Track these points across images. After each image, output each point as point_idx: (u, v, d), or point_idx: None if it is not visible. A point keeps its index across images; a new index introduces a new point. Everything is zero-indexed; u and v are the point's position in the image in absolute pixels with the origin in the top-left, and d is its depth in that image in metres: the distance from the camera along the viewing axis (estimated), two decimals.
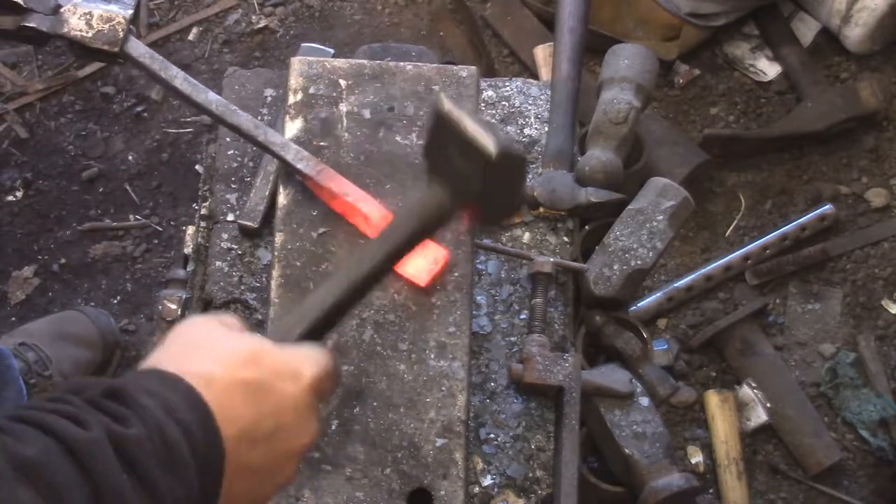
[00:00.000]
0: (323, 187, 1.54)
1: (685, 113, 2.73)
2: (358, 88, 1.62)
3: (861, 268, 2.57)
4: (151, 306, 2.51)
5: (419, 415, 1.45)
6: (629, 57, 1.77)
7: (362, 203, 1.52)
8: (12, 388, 2.18)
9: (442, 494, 1.41)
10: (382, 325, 1.49)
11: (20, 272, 2.58)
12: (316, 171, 1.54)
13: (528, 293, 1.67)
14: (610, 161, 1.71)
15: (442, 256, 1.50)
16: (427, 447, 1.43)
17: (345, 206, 1.53)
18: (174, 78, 1.57)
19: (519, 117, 1.82)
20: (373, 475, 1.42)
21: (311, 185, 1.55)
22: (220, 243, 1.70)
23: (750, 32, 2.79)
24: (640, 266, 1.66)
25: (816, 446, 2.39)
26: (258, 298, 1.66)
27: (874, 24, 2.62)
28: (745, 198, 2.65)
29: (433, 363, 1.47)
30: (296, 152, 1.55)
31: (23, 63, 2.80)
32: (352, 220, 1.54)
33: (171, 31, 2.83)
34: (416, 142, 1.59)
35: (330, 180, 1.53)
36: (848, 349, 2.50)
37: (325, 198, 1.55)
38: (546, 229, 1.73)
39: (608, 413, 1.60)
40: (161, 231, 2.63)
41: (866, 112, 2.65)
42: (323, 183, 1.53)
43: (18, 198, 2.66)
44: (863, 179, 2.65)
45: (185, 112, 2.75)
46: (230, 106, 1.59)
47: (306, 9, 2.87)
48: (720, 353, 2.50)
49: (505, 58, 2.80)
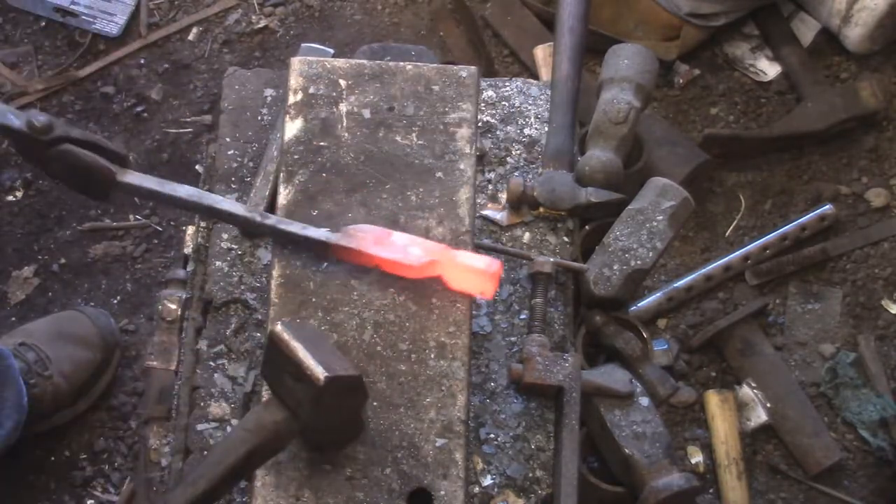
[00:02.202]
0: (358, 251, 1.48)
1: (685, 113, 2.73)
2: (358, 88, 1.62)
3: (861, 268, 2.57)
4: (151, 306, 2.51)
5: (419, 415, 1.45)
6: (629, 57, 1.77)
7: (407, 248, 1.48)
8: (12, 389, 2.18)
9: (442, 494, 1.41)
10: (382, 325, 1.49)
11: (20, 272, 2.58)
12: (340, 236, 1.49)
13: (528, 293, 1.67)
14: (610, 161, 1.71)
15: (494, 266, 1.48)
16: (427, 447, 1.43)
17: (387, 258, 1.49)
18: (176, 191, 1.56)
19: (519, 117, 1.82)
20: (373, 475, 1.42)
21: (344, 253, 1.49)
22: (220, 243, 1.70)
23: (750, 32, 2.79)
24: (640, 266, 1.66)
25: (816, 446, 2.39)
26: (258, 298, 1.66)
27: (874, 24, 2.62)
28: (745, 198, 2.65)
29: (433, 363, 1.47)
30: (301, 227, 1.51)
31: (23, 63, 2.80)
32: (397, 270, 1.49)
33: (171, 31, 2.83)
34: (417, 142, 1.59)
35: (362, 240, 1.49)
36: (848, 349, 2.49)
37: (364, 260, 1.49)
38: (546, 229, 1.73)
39: (608, 413, 1.60)
40: (161, 231, 2.63)
41: (866, 112, 2.65)
42: (359, 247, 1.48)
43: (18, 198, 2.66)
44: (863, 179, 2.65)
45: (186, 112, 2.75)
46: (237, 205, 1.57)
47: (306, 9, 2.87)
48: (720, 353, 2.50)
49: (505, 58, 2.80)
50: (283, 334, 1.26)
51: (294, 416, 1.30)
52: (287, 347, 1.26)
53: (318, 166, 1.57)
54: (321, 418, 1.30)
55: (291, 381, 1.27)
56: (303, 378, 1.25)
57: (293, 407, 1.30)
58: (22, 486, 2.37)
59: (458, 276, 1.47)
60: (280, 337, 1.26)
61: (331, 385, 1.24)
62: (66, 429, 2.41)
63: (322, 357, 1.25)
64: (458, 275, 1.47)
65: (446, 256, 1.47)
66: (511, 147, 1.80)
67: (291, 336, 1.26)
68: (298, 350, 1.25)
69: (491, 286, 1.47)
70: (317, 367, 1.24)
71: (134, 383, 2.46)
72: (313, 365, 1.24)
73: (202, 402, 1.62)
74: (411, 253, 1.47)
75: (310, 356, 1.24)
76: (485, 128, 1.79)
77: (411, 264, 1.46)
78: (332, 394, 1.25)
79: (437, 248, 1.48)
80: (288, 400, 1.30)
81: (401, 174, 1.57)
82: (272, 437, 1.30)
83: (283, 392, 1.30)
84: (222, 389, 1.63)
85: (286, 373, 1.27)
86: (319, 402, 1.26)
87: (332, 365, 1.25)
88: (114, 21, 2.81)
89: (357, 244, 1.48)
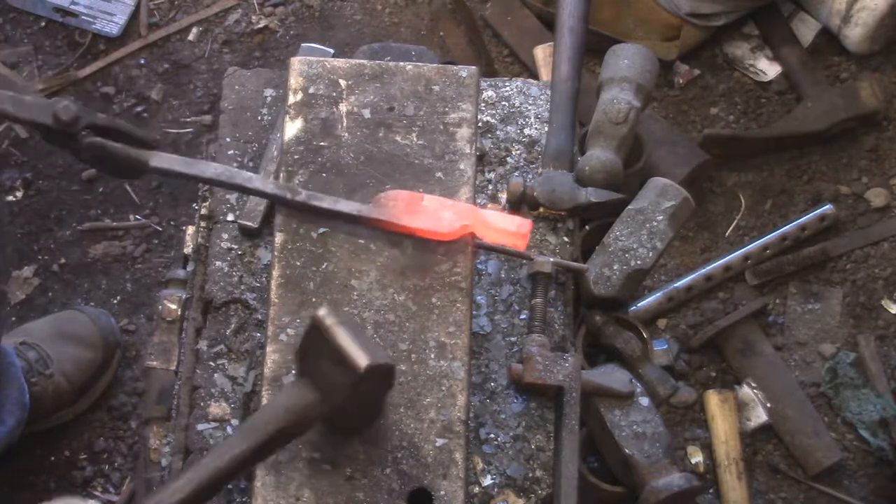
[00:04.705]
0: (390, 222, 1.51)
1: (685, 113, 2.73)
2: (358, 88, 1.62)
3: (861, 268, 2.57)
4: (151, 306, 2.51)
5: (419, 415, 1.45)
6: (629, 57, 1.77)
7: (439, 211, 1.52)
8: (14, 386, 2.18)
9: (442, 494, 1.41)
10: (382, 325, 1.49)
11: (20, 272, 2.58)
12: (372, 206, 1.53)
13: (528, 293, 1.67)
14: (610, 161, 1.71)
15: (525, 227, 1.53)
16: (427, 447, 1.43)
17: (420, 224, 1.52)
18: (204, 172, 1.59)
19: (519, 117, 1.82)
20: (373, 475, 1.42)
21: (377, 224, 1.52)
22: (220, 243, 1.70)
23: (750, 32, 2.79)
24: (640, 266, 1.66)
25: (816, 446, 2.39)
26: (258, 298, 1.66)
27: (874, 24, 2.62)
28: (745, 198, 2.65)
29: (433, 363, 1.47)
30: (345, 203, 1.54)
31: (23, 63, 2.80)
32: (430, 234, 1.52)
33: (171, 31, 2.83)
34: (417, 142, 1.59)
35: (394, 208, 1.52)
36: (848, 349, 2.49)
37: (397, 229, 1.52)
38: (546, 229, 1.73)
39: (608, 413, 1.60)
40: (161, 231, 2.63)
41: (866, 112, 2.65)
42: (390, 217, 1.51)
43: (18, 198, 2.66)
44: (863, 179, 2.65)
45: (186, 112, 2.75)
46: None
47: (306, 9, 2.87)
48: (720, 353, 2.50)
49: (505, 58, 2.80)
50: (327, 319, 1.27)
51: (325, 398, 1.30)
52: (330, 332, 1.27)
53: (318, 166, 1.57)
54: (354, 402, 1.32)
55: (329, 365, 1.28)
56: (343, 362, 1.26)
57: (325, 390, 1.30)
58: (22, 486, 2.37)
59: (490, 236, 1.54)
60: (323, 321, 1.27)
61: (371, 371, 1.25)
62: (66, 429, 2.41)
63: (363, 343, 1.26)
64: (489, 235, 1.53)
65: (478, 219, 1.51)
66: (511, 147, 1.80)
67: (335, 321, 1.27)
68: (342, 335, 1.26)
69: (522, 244, 1.55)
70: (360, 353, 1.25)
71: (134, 383, 2.46)
72: (356, 350, 1.25)
73: (202, 402, 1.62)
74: (444, 218, 1.50)
75: (353, 342, 1.25)
76: (485, 128, 1.79)
77: (444, 231, 1.50)
78: (370, 380, 1.27)
79: (469, 210, 1.52)
80: (320, 383, 1.31)
81: (401, 174, 1.57)
82: (300, 418, 1.31)
83: (317, 375, 1.31)
84: (222, 389, 1.63)
85: (324, 357, 1.28)
86: (358, 387, 1.27)
87: (373, 352, 1.26)
88: (114, 21, 2.81)
89: (389, 215, 1.51)
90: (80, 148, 1.54)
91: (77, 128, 1.52)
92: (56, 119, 1.51)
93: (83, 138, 1.53)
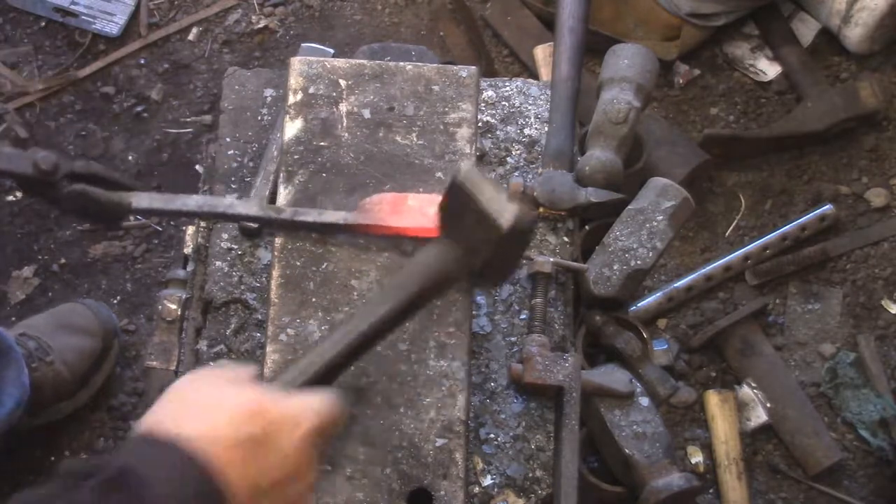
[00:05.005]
0: (377, 226, 1.51)
1: (685, 113, 2.73)
2: (358, 88, 1.62)
3: (861, 268, 2.57)
4: (151, 306, 2.51)
5: (419, 415, 1.45)
6: (629, 57, 1.77)
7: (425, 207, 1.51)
8: (13, 367, 2.17)
9: (442, 494, 1.41)
10: None
11: (20, 272, 2.58)
12: (358, 213, 1.52)
13: (528, 293, 1.67)
14: (610, 161, 1.71)
15: None
16: (427, 447, 1.43)
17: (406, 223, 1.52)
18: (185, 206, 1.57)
19: (519, 117, 1.82)
20: (373, 475, 1.42)
21: (364, 230, 1.52)
22: (220, 243, 1.70)
23: (750, 32, 2.79)
24: (640, 266, 1.66)
25: (816, 446, 2.39)
26: (258, 298, 1.66)
27: (874, 24, 2.62)
28: (745, 198, 2.65)
29: (433, 363, 1.47)
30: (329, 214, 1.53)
31: (23, 63, 2.80)
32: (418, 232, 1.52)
33: (171, 31, 2.83)
34: (417, 142, 1.59)
35: (379, 212, 1.52)
36: (848, 349, 2.50)
37: (385, 232, 1.52)
38: (546, 229, 1.73)
39: (608, 413, 1.60)
40: (161, 231, 2.63)
41: (866, 112, 2.65)
42: (375, 222, 1.51)
43: (18, 198, 2.66)
44: (863, 179, 2.65)
45: (186, 112, 2.75)
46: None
47: (306, 9, 2.87)
48: (720, 353, 2.50)
49: (505, 58, 2.80)
50: (474, 174, 1.27)
51: (468, 255, 1.30)
52: (476, 187, 1.26)
53: (318, 166, 1.57)
54: (498, 256, 1.31)
55: (472, 222, 1.27)
56: (487, 219, 1.25)
57: (468, 247, 1.30)
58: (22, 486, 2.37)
59: None
60: (469, 177, 1.27)
61: (515, 228, 1.25)
62: (66, 428, 2.41)
63: (505, 200, 1.26)
64: None
65: None
66: (511, 147, 1.80)
67: (479, 178, 1.27)
68: (486, 192, 1.26)
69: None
70: (504, 210, 1.25)
71: (134, 383, 2.46)
72: (505, 203, 1.25)
73: None
74: (429, 214, 1.49)
75: (496, 199, 1.26)
76: (485, 128, 1.79)
77: (430, 227, 1.48)
78: (517, 233, 1.27)
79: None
80: (462, 240, 1.30)
81: (401, 174, 1.57)
82: (443, 276, 1.30)
83: (459, 233, 1.30)
84: None
85: (467, 214, 1.27)
86: (502, 243, 1.26)
87: (516, 209, 1.26)
88: (114, 21, 2.81)
89: (374, 219, 1.51)
90: (61, 197, 1.52)
91: (57, 176, 1.50)
92: (36, 168, 1.49)
93: (63, 187, 1.51)
